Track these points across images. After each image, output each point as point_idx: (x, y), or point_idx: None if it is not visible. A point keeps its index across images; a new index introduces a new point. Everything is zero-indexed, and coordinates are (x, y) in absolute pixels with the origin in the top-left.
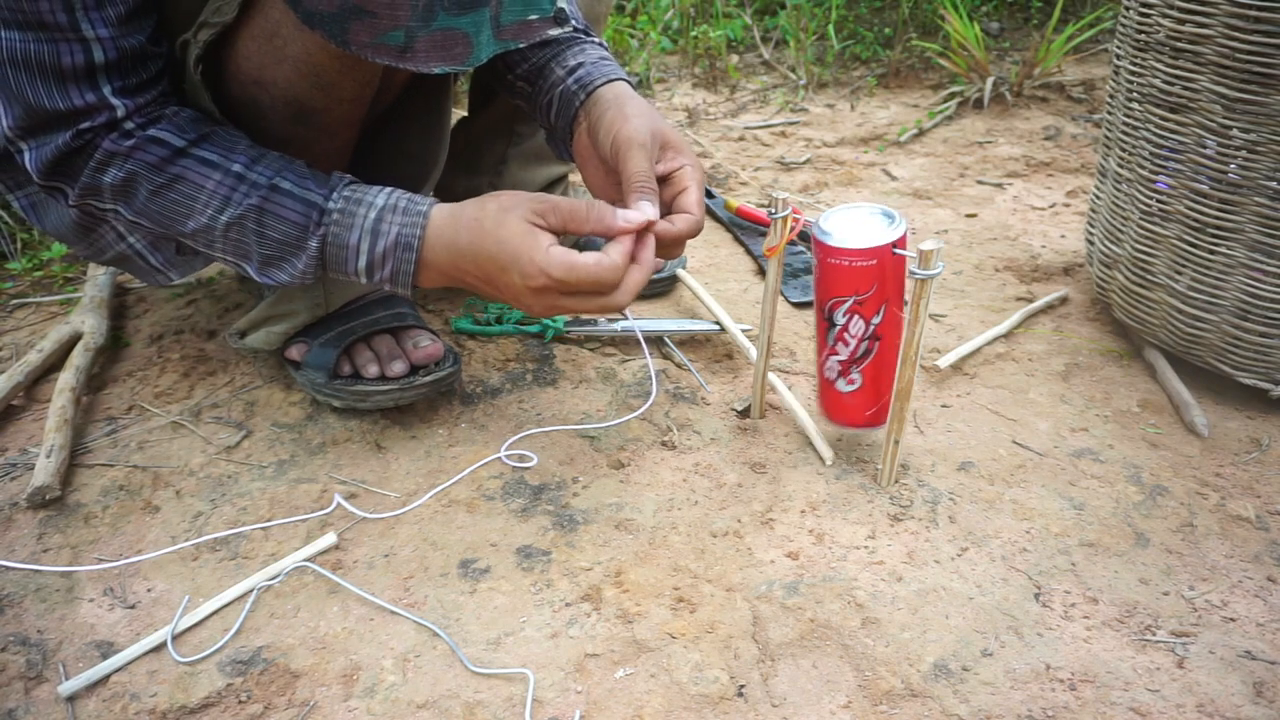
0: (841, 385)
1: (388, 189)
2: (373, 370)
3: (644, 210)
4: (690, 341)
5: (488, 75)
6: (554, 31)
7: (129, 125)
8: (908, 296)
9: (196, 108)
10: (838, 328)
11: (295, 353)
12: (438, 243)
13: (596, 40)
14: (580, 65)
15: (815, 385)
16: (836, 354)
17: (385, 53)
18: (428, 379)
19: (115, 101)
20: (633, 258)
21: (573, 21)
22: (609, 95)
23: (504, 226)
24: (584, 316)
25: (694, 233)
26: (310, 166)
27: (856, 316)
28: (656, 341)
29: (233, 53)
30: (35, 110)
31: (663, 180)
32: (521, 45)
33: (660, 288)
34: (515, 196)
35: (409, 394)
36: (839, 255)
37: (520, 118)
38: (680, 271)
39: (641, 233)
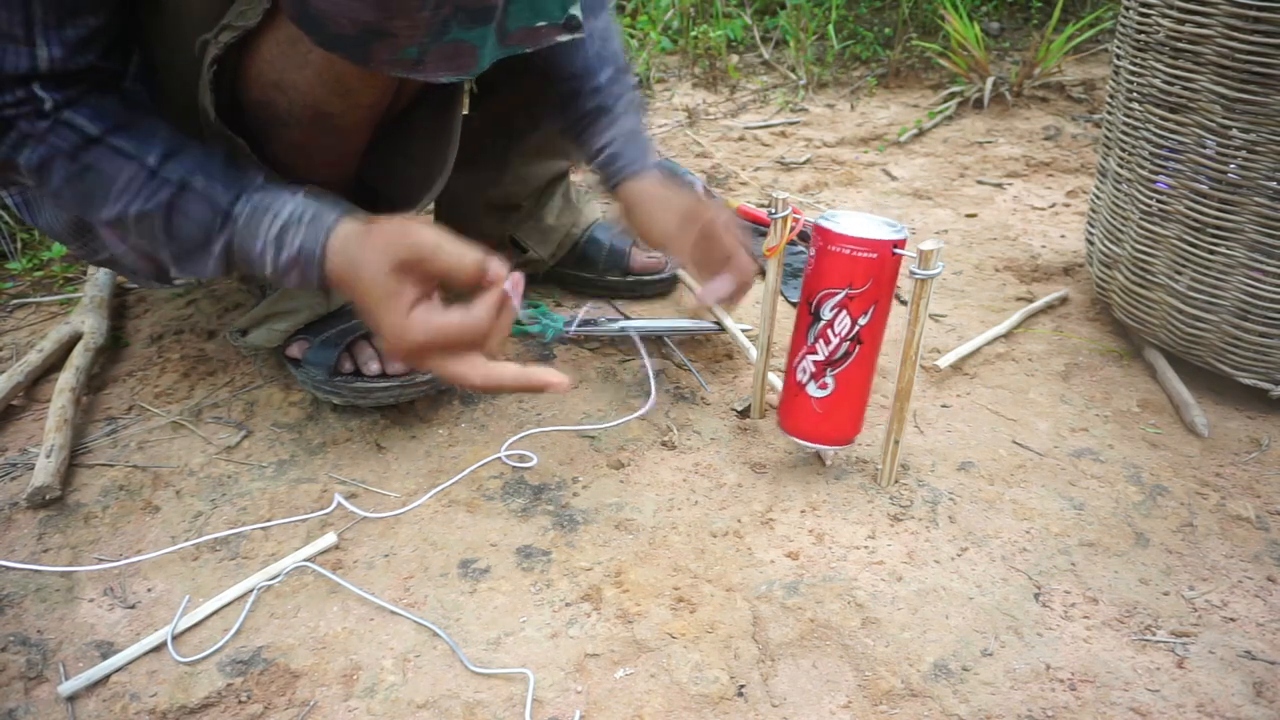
0: (812, 389)
1: (299, 195)
2: (374, 367)
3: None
4: (690, 341)
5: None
6: (563, 38)
7: (47, 107)
8: (904, 297)
9: (198, 108)
10: (822, 323)
11: (296, 350)
12: (334, 265)
13: (623, 107)
14: (609, 145)
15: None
16: (815, 352)
17: (401, 66)
18: (428, 376)
19: (42, 94)
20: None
21: (585, 31)
22: (635, 195)
23: (373, 281)
24: (583, 316)
25: (750, 283)
26: (228, 160)
27: (844, 313)
28: (656, 341)
29: (253, 56)
30: None
31: (708, 242)
32: (528, 49)
33: (660, 288)
34: (387, 238)
35: (409, 391)
36: (840, 242)
37: (521, 114)
38: (681, 271)
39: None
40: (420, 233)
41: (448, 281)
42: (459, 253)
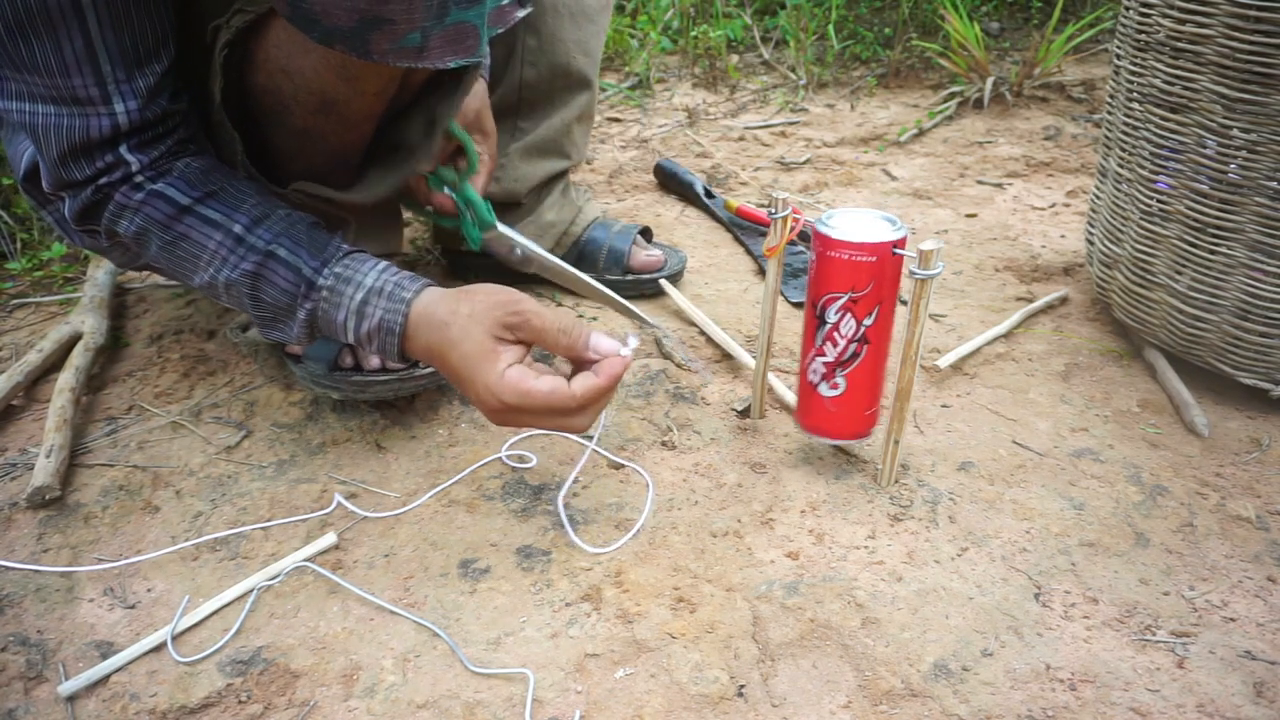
0: (824, 389)
1: (380, 267)
2: (374, 362)
3: (616, 347)
4: (690, 343)
5: None
6: (520, 14)
7: (139, 179)
8: (904, 297)
9: (208, 96)
10: (828, 326)
11: (296, 346)
12: (415, 334)
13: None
14: None
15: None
16: (823, 354)
17: (404, 56)
18: (427, 370)
19: (130, 158)
20: (597, 375)
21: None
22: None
23: (467, 339)
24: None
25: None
26: (313, 225)
27: (849, 315)
28: (655, 342)
29: (262, 41)
30: (65, 178)
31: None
32: (501, 31)
33: (651, 288)
34: (489, 300)
35: (409, 385)
36: (839, 248)
37: (522, 112)
38: (663, 282)
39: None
40: (518, 296)
41: (544, 347)
42: (558, 320)
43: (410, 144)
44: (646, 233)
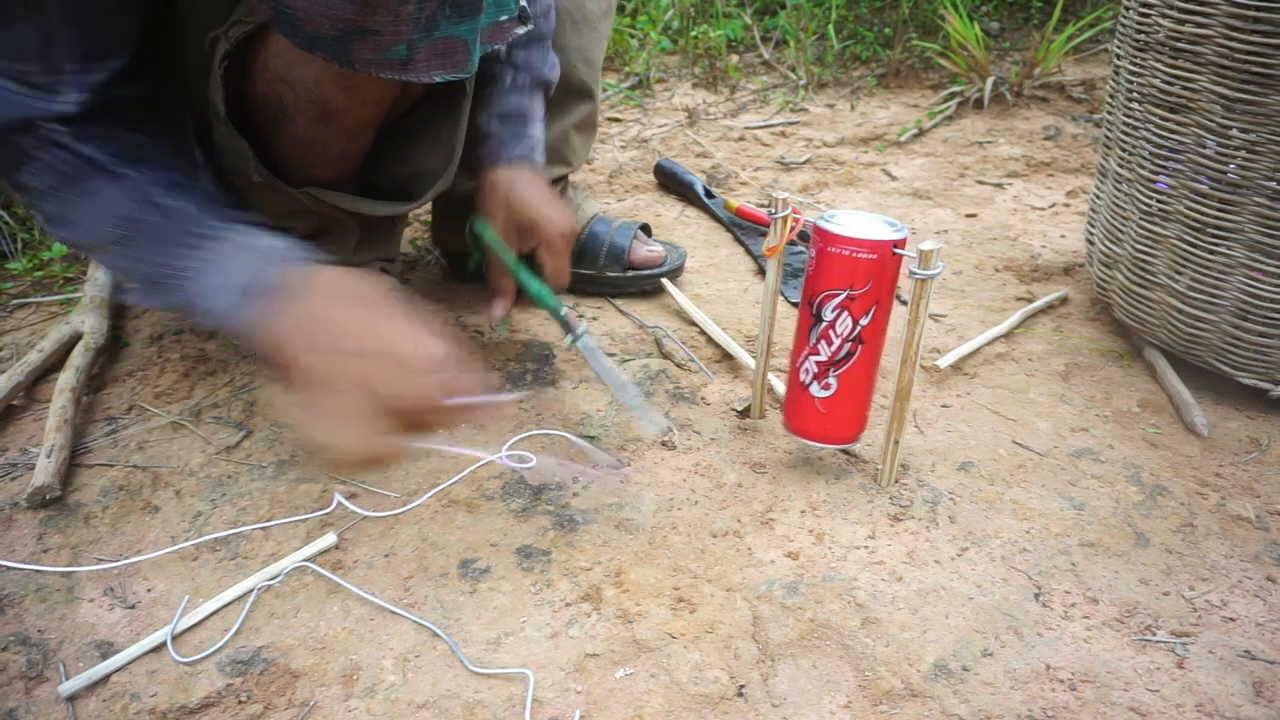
0: (815, 390)
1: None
2: None
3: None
4: (690, 343)
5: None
6: (520, 30)
7: (63, 139)
8: (904, 296)
9: (209, 106)
10: (824, 324)
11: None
12: (321, 278)
13: (511, 81)
14: (484, 124)
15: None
16: (817, 353)
17: (388, 67)
18: None
19: (58, 128)
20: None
21: (533, 20)
22: (487, 185)
23: (377, 295)
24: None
25: (561, 280)
26: (231, 202)
27: (846, 314)
28: (655, 342)
29: (262, 50)
30: None
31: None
32: (499, 47)
33: (652, 285)
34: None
35: None
36: (841, 244)
37: None
38: (664, 282)
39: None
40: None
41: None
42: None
43: (431, 171)
44: (646, 230)
